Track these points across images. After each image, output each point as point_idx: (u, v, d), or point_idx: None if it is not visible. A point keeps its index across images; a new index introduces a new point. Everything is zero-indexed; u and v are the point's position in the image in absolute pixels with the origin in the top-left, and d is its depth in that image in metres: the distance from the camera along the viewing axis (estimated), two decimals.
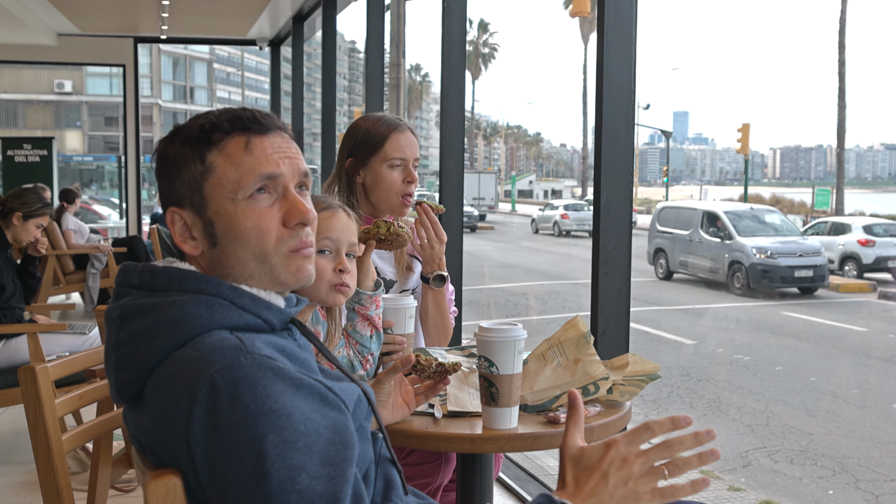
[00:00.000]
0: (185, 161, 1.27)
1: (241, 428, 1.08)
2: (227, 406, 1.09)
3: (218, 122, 1.28)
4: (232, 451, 1.08)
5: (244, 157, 1.26)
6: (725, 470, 6.51)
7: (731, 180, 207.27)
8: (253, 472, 1.07)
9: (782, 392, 8.97)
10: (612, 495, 1.18)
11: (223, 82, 75.50)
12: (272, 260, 1.27)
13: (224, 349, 1.15)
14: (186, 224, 1.28)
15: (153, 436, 1.17)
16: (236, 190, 1.25)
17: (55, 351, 4.22)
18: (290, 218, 1.27)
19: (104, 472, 2.64)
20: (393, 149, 2.33)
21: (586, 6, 20.80)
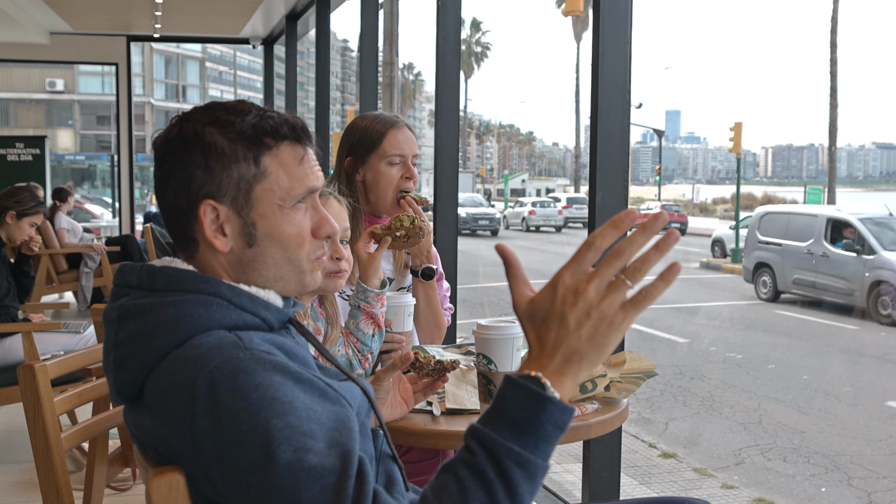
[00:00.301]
0: (237, 158, 1.26)
1: (245, 416, 1.08)
2: (229, 398, 1.09)
3: (275, 126, 1.28)
4: (238, 440, 1.08)
5: (298, 167, 1.29)
6: (718, 468, 6.54)
7: (723, 179, 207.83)
8: (260, 457, 1.07)
9: (775, 390, 9.00)
10: (580, 336, 1.02)
11: (215, 81, 75.37)
12: (303, 265, 1.32)
13: (222, 346, 1.15)
14: (219, 218, 1.27)
15: (157, 435, 1.18)
16: (286, 198, 1.28)
17: (49, 350, 4.22)
18: (321, 230, 1.33)
19: (100, 471, 2.65)
20: (391, 146, 2.34)
21: (579, 5, 20.80)
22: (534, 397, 1.00)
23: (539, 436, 1.00)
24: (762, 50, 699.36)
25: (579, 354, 1.03)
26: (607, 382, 1.83)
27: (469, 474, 1.00)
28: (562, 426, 1.01)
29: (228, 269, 1.29)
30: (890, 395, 8.96)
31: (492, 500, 0.98)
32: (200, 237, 1.27)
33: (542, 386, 1.01)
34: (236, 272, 1.29)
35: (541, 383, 1.01)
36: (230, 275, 1.29)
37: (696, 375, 9.52)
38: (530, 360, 1.05)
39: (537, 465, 1.00)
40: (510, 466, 0.99)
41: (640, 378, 1.89)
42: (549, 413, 1.00)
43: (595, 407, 1.80)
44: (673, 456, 6.60)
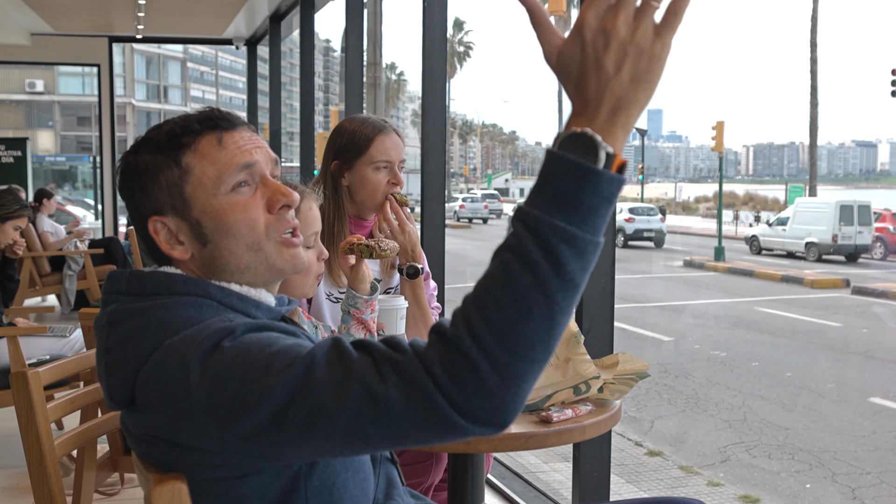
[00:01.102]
0: (160, 168, 1.27)
1: (229, 355, 1.09)
2: (217, 357, 1.10)
3: (187, 124, 1.28)
4: (224, 371, 1.08)
5: (219, 152, 1.27)
6: (704, 465, 6.57)
7: (705, 177, 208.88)
8: (246, 370, 1.07)
9: (759, 387, 9.06)
10: (622, 80, 0.93)
11: (197, 81, 75.02)
12: (265, 247, 1.28)
13: (209, 323, 1.17)
14: (171, 230, 1.28)
15: (161, 425, 1.16)
16: (218, 185, 1.26)
17: (35, 354, 4.18)
18: (275, 202, 1.28)
19: (89, 476, 2.63)
20: (378, 151, 2.34)
21: (562, 6, 20.87)
22: (578, 169, 0.92)
23: (586, 209, 0.92)
24: (743, 49, 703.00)
25: (627, 100, 0.94)
26: (601, 384, 1.84)
27: (513, 258, 0.93)
28: (610, 198, 0.93)
29: (202, 274, 1.29)
30: (873, 392, 9.04)
31: (538, 281, 0.91)
32: (162, 251, 1.29)
33: (592, 146, 0.93)
34: (206, 274, 1.29)
35: (592, 141, 0.93)
36: (206, 278, 1.29)
37: (682, 374, 9.57)
38: (574, 116, 0.96)
39: (586, 241, 0.92)
40: (556, 244, 0.91)
41: (633, 379, 1.90)
42: (595, 185, 0.92)
43: (589, 408, 1.81)
44: (659, 454, 6.64)
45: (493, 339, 0.92)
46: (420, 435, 0.98)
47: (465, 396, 0.93)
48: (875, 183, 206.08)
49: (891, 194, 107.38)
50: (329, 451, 1.06)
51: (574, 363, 1.83)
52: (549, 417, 1.73)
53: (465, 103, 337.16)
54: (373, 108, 12.19)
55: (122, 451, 2.94)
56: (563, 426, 1.72)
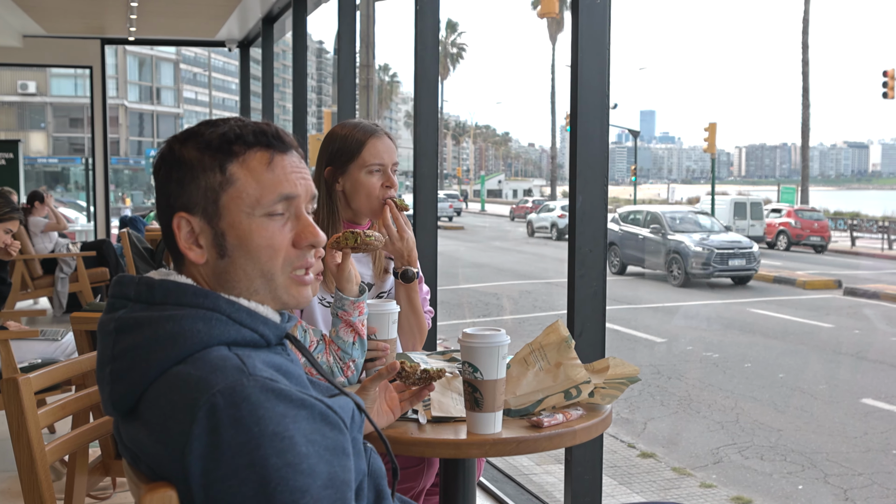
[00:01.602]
0: (204, 168, 1.26)
1: (244, 450, 1.08)
2: (230, 428, 1.09)
3: (242, 133, 1.27)
4: (232, 473, 1.08)
5: (266, 173, 1.26)
6: (697, 467, 6.58)
7: (697, 178, 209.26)
8: (255, 495, 1.07)
9: (751, 389, 9.08)
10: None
11: (190, 83, 74.87)
12: (277, 279, 1.28)
13: (226, 369, 1.15)
14: (194, 231, 1.27)
15: (150, 451, 1.17)
16: (254, 206, 1.26)
17: (27, 358, 4.17)
18: (302, 240, 1.29)
19: (80, 481, 2.63)
20: (371, 155, 2.34)
21: (554, 7, 20.89)
22: None
23: None
24: (736, 51, 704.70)
25: None
26: (591, 388, 1.84)
27: None
28: None
29: (207, 281, 1.29)
30: (865, 393, 9.07)
31: None
32: (179, 249, 1.28)
33: None
34: (213, 284, 1.28)
35: None
36: (209, 285, 1.29)
37: (674, 375, 9.59)
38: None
39: None
40: None
41: (624, 384, 1.90)
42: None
43: (580, 413, 1.81)
44: (652, 456, 6.65)
45: None
46: None
47: None
48: (867, 184, 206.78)
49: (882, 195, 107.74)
50: None
51: (565, 368, 1.84)
52: (539, 422, 1.74)
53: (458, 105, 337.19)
54: (366, 110, 12.20)
55: (114, 455, 2.93)
56: (553, 431, 1.72)
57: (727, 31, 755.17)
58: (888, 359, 10.82)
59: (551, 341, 1.86)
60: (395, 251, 2.33)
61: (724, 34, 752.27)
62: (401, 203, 2.34)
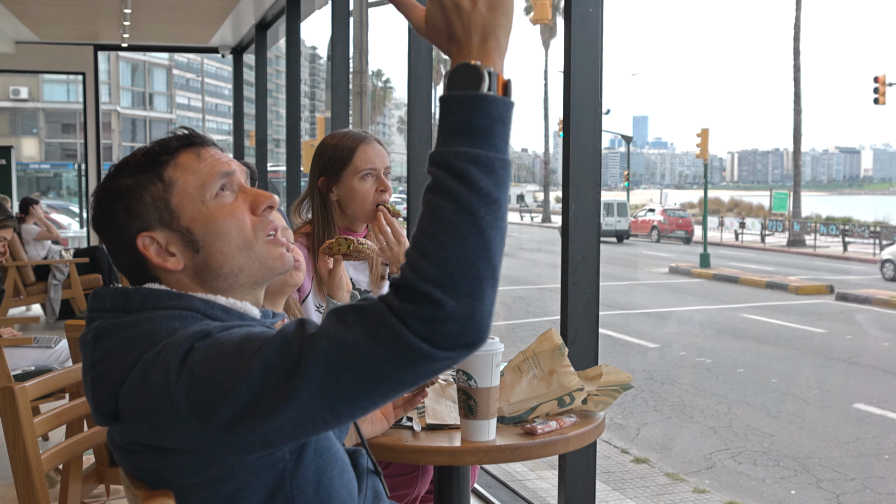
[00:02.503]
0: (143, 186, 1.30)
1: (204, 352, 1.13)
2: (199, 355, 1.13)
3: (164, 143, 1.33)
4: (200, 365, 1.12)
5: (199, 164, 1.32)
6: (690, 472, 6.60)
7: (690, 184, 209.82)
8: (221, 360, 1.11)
9: (744, 394, 9.10)
10: (479, 11, 1.06)
11: (183, 88, 74.79)
12: (256, 246, 1.32)
13: (186, 330, 1.19)
14: (160, 244, 1.30)
15: (145, 433, 1.18)
16: (202, 192, 1.30)
17: (20, 365, 4.16)
18: (258, 203, 1.33)
19: (75, 488, 2.63)
20: (362, 160, 2.36)
21: (547, 13, 20.94)
22: (464, 100, 1.04)
23: (482, 132, 1.03)
24: (728, 56, 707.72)
25: (492, 25, 1.06)
26: (584, 396, 1.86)
27: (433, 194, 1.02)
28: (501, 117, 1.04)
29: (196, 284, 1.31)
30: (857, 398, 9.10)
31: (459, 204, 1.01)
32: (155, 268, 1.31)
33: (475, 74, 1.04)
34: (202, 283, 1.31)
35: (472, 69, 1.04)
36: (201, 288, 1.31)
37: (667, 380, 9.60)
38: (453, 59, 1.07)
39: (490, 158, 1.02)
40: (464, 167, 1.01)
41: (617, 391, 1.92)
42: (483, 108, 1.03)
43: (573, 420, 1.83)
44: (645, 461, 6.66)
45: (436, 268, 0.99)
46: (393, 371, 1.01)
47: (428, 325, 0.98)
48: (859, 189, 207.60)
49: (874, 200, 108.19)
50: (310, 421, 1.07)
51: (558, 375, 1.85)
52: (533, 429, 1.75)
53: None
54: (359, 116, 12.20)
55: (108, 462, 2.93)
56: (547, 438, 1.73)
57: (720, 37, 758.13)
58: (880, 364, 10.86)
59: (545, 349, 1.87)
60: (390, 257, 2.35)
61: (717, 40, 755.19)
62: (393, 209, 2.35)
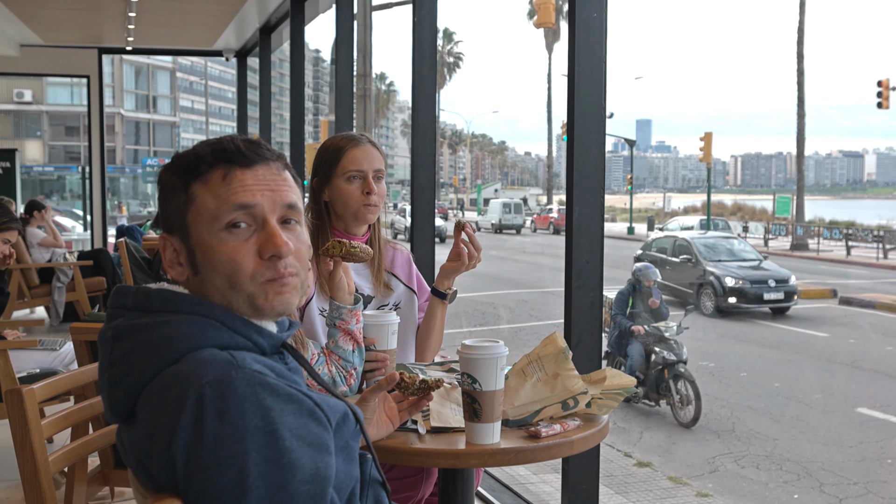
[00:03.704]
0: (174, 190, 1.31)
1: (226, 442, 1.11)
2: (214, 418, 1.11)
3: (203, 154, 1.31)
4: (213, 463, 1.10)
5: (221, 187, 1.28)
6: (693, 476, 6.60)
7: (693, 188, 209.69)
8: (233, 487, 1.10)
9: (747, 398, 9.10)
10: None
11: (186, 91, 74.90)
12: (247, 289, 1.28)
13: (215, 362, 1.17)
14: (175, 250, 1.32)
15: (143, 447, 1.19)
16: (213, 221, 1.27)
17: (25, 367, 4.17)
18: (264, 250, 1.28)
19: (80, 490, 2.64)
20: (349, 162, 2.39)
21: (550, 17, 20.99)
22: None
23: None
24: (732, 60, 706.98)
25: None
26: (588, 399, 1.86)
27: None
28: None
29: None
30: (860, 402, 9.10)
31: None
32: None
33: None
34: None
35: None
36: None
37: None
38: None
39: None
40: None
41: (620, 394, 1.92)
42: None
43: (577, 423, 1.83)
44: (648, 465, 6.66)
45: None
46: None
47: None
48: (862, 193, 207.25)
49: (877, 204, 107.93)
50: None
51: (562, 378, 1.86)
52: (537, 433, 1.76)
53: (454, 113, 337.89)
54: (363, 119, 12.22)
55: (113, 465, 2.94)
56: (551, 441, 1.74)
57: (723, 41, 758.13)
58: (883, 368, 10.85)
59: (549, 352, 1.88)
60: (462, 270, 2.39)
61: (721, 44, 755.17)
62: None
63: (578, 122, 2.85)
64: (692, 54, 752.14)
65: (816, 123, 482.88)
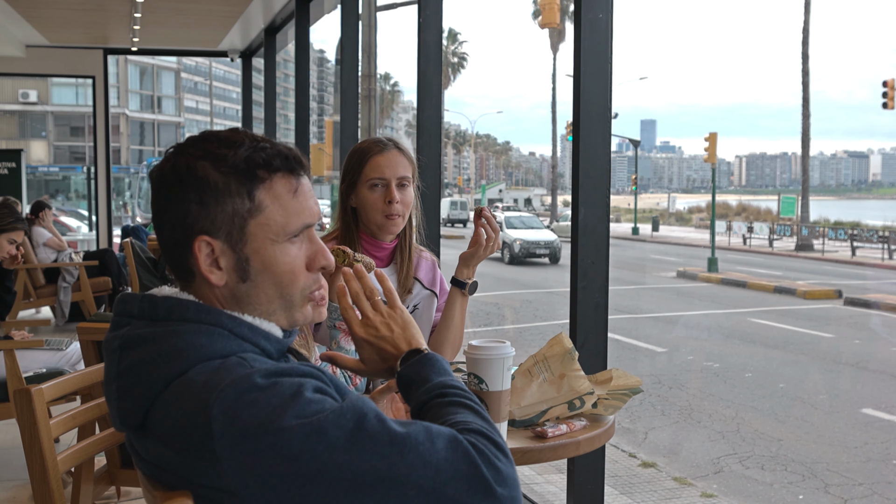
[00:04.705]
0: (230, 193, 1.26)
1: (266, 423, 1.11)
2: (245, 412, 1.12)
3: (269, 158, 1.28)
4: (269, 445, 1.11)
5: (292, 201, 1.28)
6: (698, 477, 6.59)
7: (697, 188, 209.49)
8: (304, 440, 1.12)
9: (752, 398, 9.09)
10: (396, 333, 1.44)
11: (191, 91, 75.00)
12: (295, 301, 1.32)
13: (228, 367, 1.18)
14: (214, 253, 1.27)
15: (176, 461, 1.18)
16: (280, 233, 1.27)
17: (31, 367, 4.19)
18: (315, 263, 1.32)
19: (86, 490, 2.65)
20: (371, 170, 2.37)
21: (555, 18, 21.00)
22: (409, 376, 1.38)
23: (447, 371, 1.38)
24: (736, 60, 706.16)
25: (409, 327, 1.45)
26: (594, 399, 1.87)
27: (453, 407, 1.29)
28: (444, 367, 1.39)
29: (224, 302, 1.30)
30: (866, 402, 9.08)
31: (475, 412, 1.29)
32: (196, 270, 1.28)
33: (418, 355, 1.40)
34: (230, 305, 1.30)
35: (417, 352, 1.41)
36: (225, 306, 1.30)
37: (675, 385, 9.59)
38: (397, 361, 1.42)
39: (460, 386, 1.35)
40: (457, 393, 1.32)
41: (627, 394, 1.93)
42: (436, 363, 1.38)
43: (583, 424, 1.84)
44: (653, 465, 6.65)
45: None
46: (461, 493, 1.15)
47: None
48: (867, 193, 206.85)
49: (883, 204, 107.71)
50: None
51: (568, 379, 1.86)
52: (544, 433, 1.76)
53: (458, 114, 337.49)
54: (367, 120, 12.24)
55: (120, 464, 2.96)
56: (557, 441, 1.75)
57: (728, 42, 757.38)
58: (889, 369, 10.83)
59: (555, 353, 1.89)
60: (480, 258, 2.38)
61: (726, 44, 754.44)
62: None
63: (584, 123, 2.86)
64: (697, 54, 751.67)
65: (821, 124, 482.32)
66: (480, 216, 2.37)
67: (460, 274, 2.42)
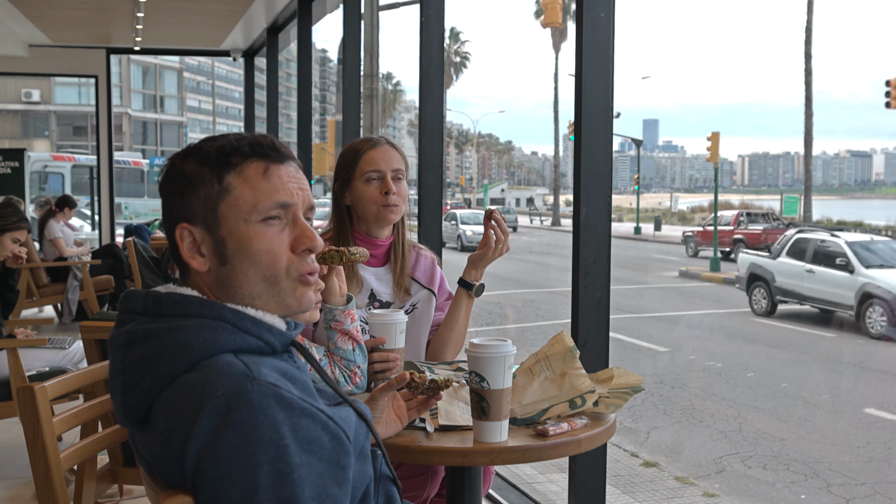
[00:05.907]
0: (202, 180, 1.31)
1: (239, 454, 1.12)
2: (228, 430, 1.12)
3: (238, 145, 1.32)
4: (224, 474, 1.11)
5: (262, 182, 1.31)
6: (700, 476, 6.60)
7: (700, 188, 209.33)
8: (242, 499, 1.11)
9: (754, 398, 9.09)
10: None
11: (193, 91, 75.04)
12: (282, 283, 1.32)
13: (231, 374, 1.18)
14: (196, 240, 1.31)
15: (158, 454, 1.21)
16: (251, 212, 1.30)
17: (34, 366, 4.19)
18: (299, 244, 1.33)
19: (89, 488, 2.65)
20: (367, 163, 2.38)
21: (557, 17, 21.01)
22: None
23: None
24: (739, 59, 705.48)
25: None
26: (596, 398, 1.87)
27: None
28: None
29: (212, 289, 1.32)
30: (868, 402, 9.08)
31: None
32: (182, 259, 1.32)
33: None
34: (217, 291, 1.32)
35: None
36: (213, 294, 1.32)
37: (677, 384, 9.60)
38: None
39: None
40: None
41: (628, 393, 1.93)
42: None
43: (584, 422, 1.84)
44: (655, 465, 6.66)
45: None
46: None
47: None
48: (870, 193, 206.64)
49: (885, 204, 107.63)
50: None
51: (570, 377, 1.86)
52: (545, 431, 1.76)
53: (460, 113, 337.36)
54: (369, 119, 12.24)
55: (122, 462, 2.96)
56: (558, 440, 1.75)
57: (731, 41, 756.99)
58: (891, 368, 10.83)
59: (556, 351, 1.89)
60: (489, 260, 2.40)
61: (729, 43, 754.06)
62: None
63: (586, 122, 2.86)
64: (700, 54, 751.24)
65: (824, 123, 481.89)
66: (490, 218, 2.38)
67: (468, 275, 2.44)
